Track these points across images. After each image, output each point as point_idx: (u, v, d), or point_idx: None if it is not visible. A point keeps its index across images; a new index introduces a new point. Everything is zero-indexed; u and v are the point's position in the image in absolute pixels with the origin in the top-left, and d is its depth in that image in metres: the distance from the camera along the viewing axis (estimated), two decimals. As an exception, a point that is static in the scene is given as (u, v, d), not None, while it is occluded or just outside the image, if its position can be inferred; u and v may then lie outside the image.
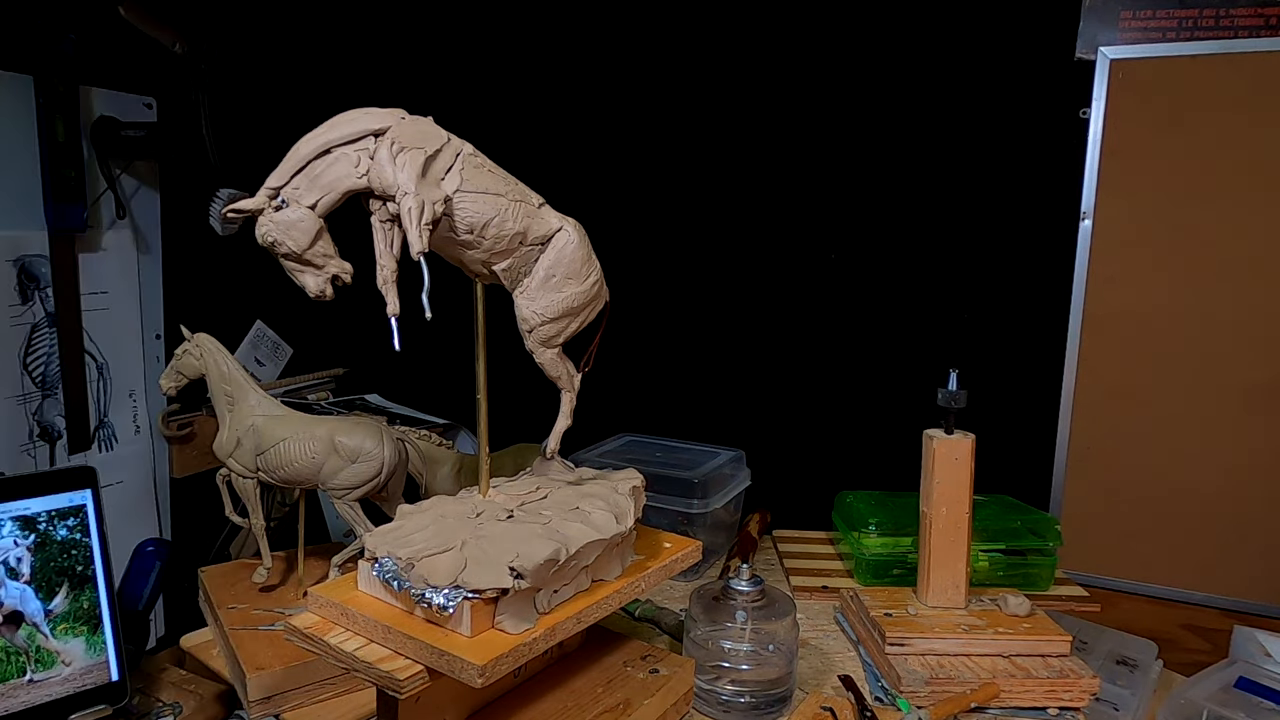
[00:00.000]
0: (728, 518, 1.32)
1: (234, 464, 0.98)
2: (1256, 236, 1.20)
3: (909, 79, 1.37)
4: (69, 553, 0.84)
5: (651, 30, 1.50)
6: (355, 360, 1.76)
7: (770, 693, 0.88)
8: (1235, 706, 0.87)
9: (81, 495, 0.86)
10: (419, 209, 0.64)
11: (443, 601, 0.63)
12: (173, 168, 1.56)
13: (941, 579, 1.01)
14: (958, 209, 1.37)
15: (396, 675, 0.62)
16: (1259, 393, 1.22)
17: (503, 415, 0.92)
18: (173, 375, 1.02)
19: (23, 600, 0.81)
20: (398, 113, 0.69)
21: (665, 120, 1.52)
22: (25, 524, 0.82)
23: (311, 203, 0.66)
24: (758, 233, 1.49)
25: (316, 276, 0.69)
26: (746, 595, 0.91)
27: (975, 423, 1.02)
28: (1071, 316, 1.31)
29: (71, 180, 1.37)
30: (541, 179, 0.80)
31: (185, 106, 1.37)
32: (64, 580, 0.83)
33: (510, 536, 0.69)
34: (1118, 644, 1.04)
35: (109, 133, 1.42)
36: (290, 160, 0.66)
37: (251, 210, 0.66)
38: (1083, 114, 1.27)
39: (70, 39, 1.34)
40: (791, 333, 1.49)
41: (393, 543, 0.69)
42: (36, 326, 1.38)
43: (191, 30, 1.37)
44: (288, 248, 0.66)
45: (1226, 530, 1.25)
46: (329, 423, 0.97)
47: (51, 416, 1.42)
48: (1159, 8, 1.22)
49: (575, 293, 0.75)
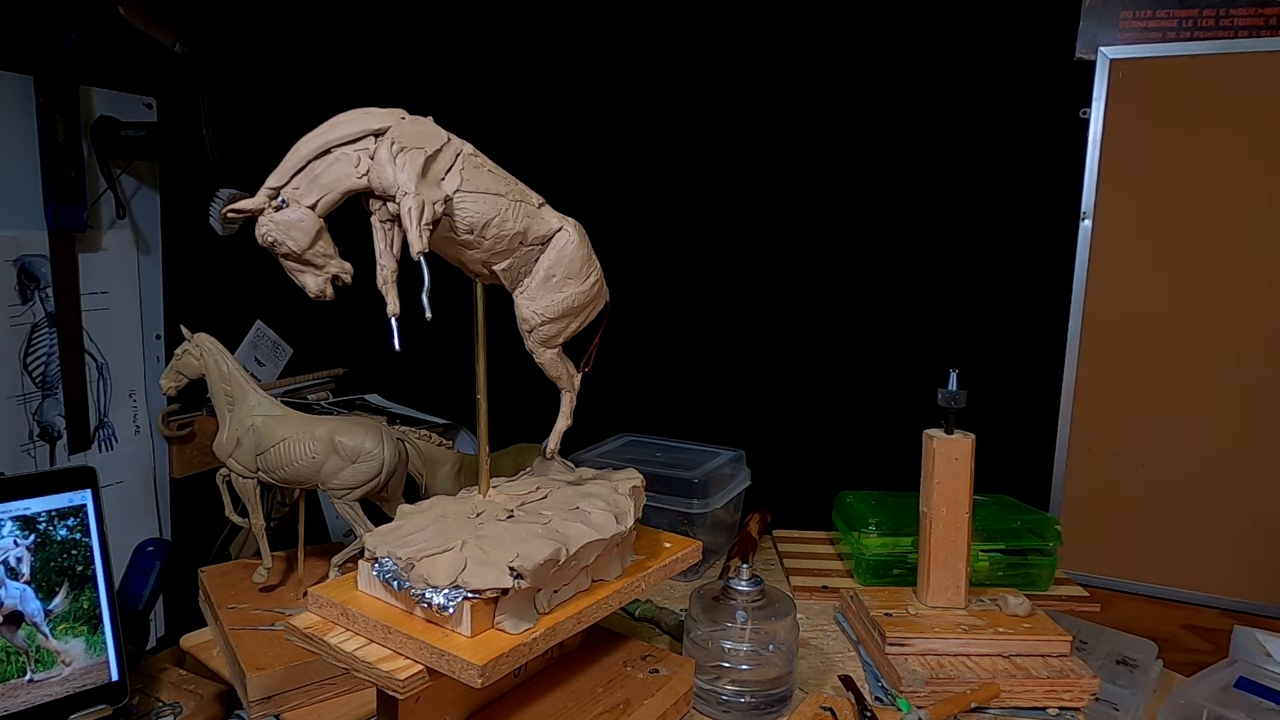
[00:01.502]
0: (728, 518, 1.32)
1: (234, 464, 0.98)
2: (1257, 236, 1.20)
3: (909, 79, 1.37)
4: (69, 553, 0.84)
5: (651, 30, 1.50)
6: (355, 360, 1.76)
7: (770, 693, 0.88)
8: (1235, 706, 0.87)
9: (81, 495, 0.86)
10: (419, 209, 0.64)
11: (443, 601, 0.63)
12: (173, 168, 1.56)
13: (941, 579, 1.01)
14: (958, 209, 1.37)
15: (396, 675, 0.62)
16: (1259, 392, 1.22)
17: (503, 415, 0.92)
18: (173, 375, 1.02)
19: (23, 600, 0.81)
20: (398, 113, 0.69)
21: (665, 120, 1.52)
22: (25, 524, 0.82)
23: (311, 203, 0.66)
24: (758, 233, 1.49)
25: (317, 276, 0.69)
26: (746, 595, 0.91)
27: (975, 423, 1.03)
28: (1071, 316, 1.31)
29: (71, 180, 1.37)
30: (541, 179, 0.80)
31: (185, 106, 1.37)
32: (64, 580, 0.83)
33: (510, 536, 0.69)
34: (1118, 644, 1.04)
35: (109, 133, 1.42)
36: (290, 160, 0.66)
37: (251, 210, 0.66)
38: (1083, 114, 1.27)
39: (70, 39, 1.34)
40: (791, 333, 1.49)
41: (393, 543, 0.69)
42: (36, 326, 1.38)
43: (191, 30, 1.37)
44: (288, 248, 0.66)
45: (1226, 530, 1.25)
46: (329, 423, 0.97)
47: (51, 416, 1.42)
48: (1159, 8, 1.22)
49: (575, 293, 0.75)
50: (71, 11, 1.32)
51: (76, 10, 1.33)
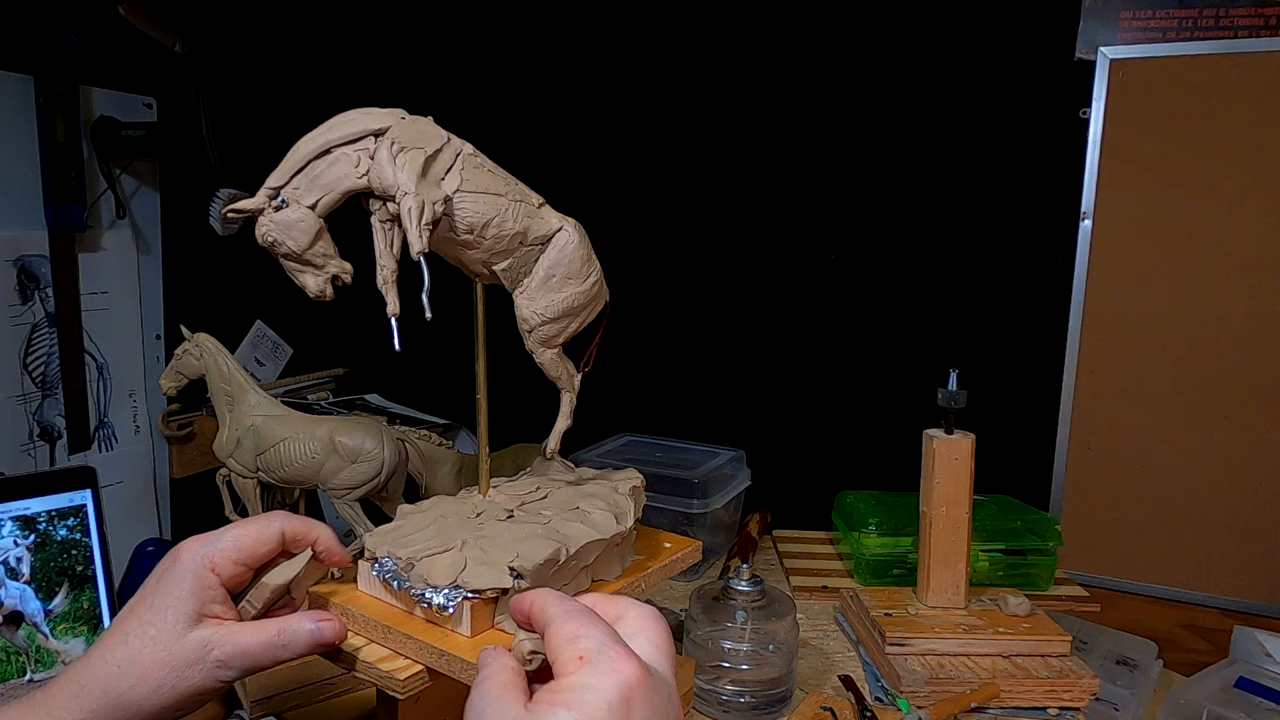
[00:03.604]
0: (728, 518, 1.32)
1: (234, 464, 0.98)
2: (1257, 236, 1.20)
3: (909, 79, 1.37)
4: (69, 553, 0.84)
5: (652, 30, 1.50)
6: (355, 360, 1.76)
7: (770, 693, 0.88)
8: (1235, 706, 0.87)
9: (81, 495, 0.86)
10: (419, 209, 0.64)
11: (442, 601, 0.63)
12: (173, 168, 1.56)
13: (941, 579, 1.01)
14: (958, 209, 1.37)
15: (396, 675, 0.62)
16: (1260, 392, 1.22)
17: (503, 415, 0.92)
18: (172, 375, 1.02)
19: (23, 600, 0.81)
20: (398, 113, 0.69)
21: (665, 120, 1.52)
22: (25, 524, 0.82)
23: (311, 203, 0.66)
24: (758, 233, 1.49)
25: (316, 276, 0.68)
26: (746, 595, 0.91)
27: (975, 423, 1.02)
28: (1071, 316, 1.31)
29: (71, 180, 1.37)
30: (542, 179, 0.79)
31: (185, 106, 1.37)
32: (64, 580, 0.83)
33: (510, 536, 0.68)
34: (1118, 644, 1.04)
35: (109, 133, 1.42)
36: (290, 160, 0.66)
37: (252, 210, 0.65)
38: (1083, 114, 1.27)
39: (70, 39, 1.34)
40: (791, 333, 1.49)
41: (393, 543, 0.68)
42: (36, 326, 1.38)
43: (191, 30, 1.37)
44: (287, 248, 0.66)
45: (1226, 530, 1.25)
46: (329, 423, 0.97)
47: (51, 416, 1.42)
48: (1159, 8, 1.22)
49: (575, 293, 0.75)
50: (71, 11, 1.32)
51: (76, 10, 1.33)
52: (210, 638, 0.55)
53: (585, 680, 0.41)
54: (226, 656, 0.55)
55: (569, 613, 0.46)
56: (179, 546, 0.59)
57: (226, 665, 0.55)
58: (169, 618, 0.55)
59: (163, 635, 0.55)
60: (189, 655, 0.54)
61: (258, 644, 0.56)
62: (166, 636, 0.55)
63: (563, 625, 0.45)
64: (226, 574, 0.58)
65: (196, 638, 0.55)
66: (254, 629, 0.57)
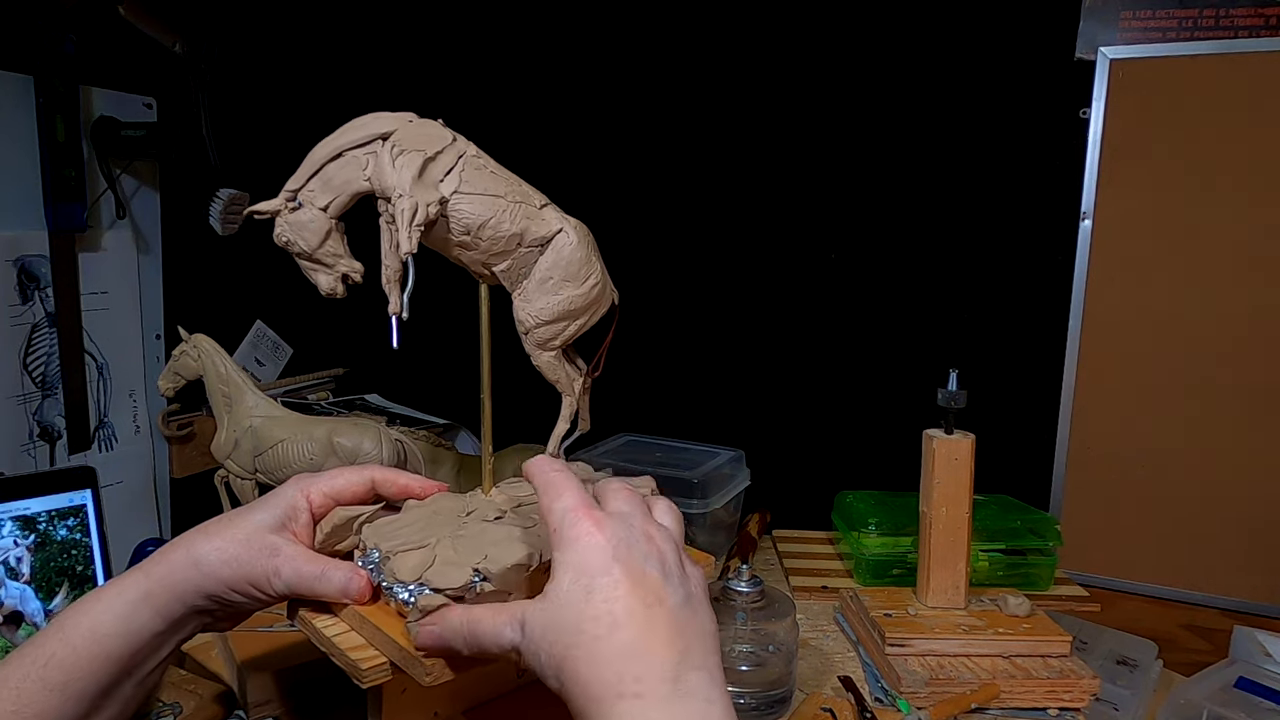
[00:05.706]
0: (728, 518, 1.32)
1: (232, 465, 0.98)
2: (1257, 236, 1.20)
3: (909, 79, 1.37)
4: (69, 553, 0.84)
5: (653, 30, 1.50)
6: (355, 360, 1.76)
7: (770, 694, 0.88)
8: (1235, 706, 0.87)
9: (81, 495, 0.86)
10: (410, 210, 0.65)
11: (407, 597, 0.63)
12: (173, 168, 1.56)
13: (941, 579, 1.01)
14: (957, 209, 1.37)
15: (361, 664, 0.63)
16: (1260, 392, 1.22)
17: (503, 416, 0.92)
18: (170, 376, 1.02)
19: (23, 600, 0.81)
20: (407, 116, 0.70)
21: (665, 120, 1.52)
22: (25, 524, 0.82)
23: (324, 204, 0.69)
24: (758, 233, 1.49)
25: (328, 275, 0.71)
26: (746, 596, 0.91)
27: (975, 423, 1.02)
28: (1071, 316, 1.31)
29: (71, 180, 1.37)
30: (543, 179, 0.79)
31: (185, 106, 1.37)
32: (64, 580, 0.83)
33: (488, 538, 0.68)
34: (1118, 644, 1.04)
35: (109, 133, 1.42)
36: (307, 164, 0.69)
37: (270, 211, 0.69)
38: (1083, 114, 1.27)
39: (70, 39, 1.34)
40: (791, 333, 1.49)
41: (383, 534, 0.69)
42: (36, 326, 1.38)
43: (191, 30, 1.37)
44: (300, 247, 0.70)
45: (1226, 530, 1.25)
46: (327, 423, 0.97)
47: (51, 416, 1.42)
48: (1159, 8, 1.22)
49: (573, 295, 0.74)
50: (71, 11, 1.32)
51: (76, 10, 1.33)
52: (281, 546, 0.65)
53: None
54: (283, 565, 0.65)
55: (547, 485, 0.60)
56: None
57: (279, 575, 0.65)
58: (260, 514, 0.67)
59: (250, 524, 0.66)
60: (262, 547, 0.65)
61: (308, 570, 0.65)
62: (252, 526, 0.66)
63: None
64: (317, 503, 0.69)
65: (273, 540, 0.66)
66: (310, 557, 0.66)
